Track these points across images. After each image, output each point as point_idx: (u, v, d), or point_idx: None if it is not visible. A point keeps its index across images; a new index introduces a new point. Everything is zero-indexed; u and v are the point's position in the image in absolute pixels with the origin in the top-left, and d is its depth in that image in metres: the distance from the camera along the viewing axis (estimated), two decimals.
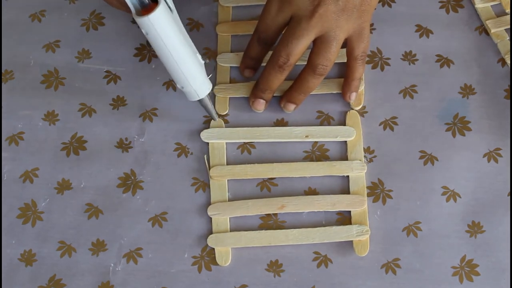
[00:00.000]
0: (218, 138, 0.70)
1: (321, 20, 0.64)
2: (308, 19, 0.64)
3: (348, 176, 0.68)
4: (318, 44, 0.66)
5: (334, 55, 0.66)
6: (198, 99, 0.66)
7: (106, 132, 0.71)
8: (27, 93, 0.73)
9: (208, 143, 0.70)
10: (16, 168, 0.70)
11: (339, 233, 0.66)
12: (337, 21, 0.64)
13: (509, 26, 0.73)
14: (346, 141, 0.69)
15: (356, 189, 0.68)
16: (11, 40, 0.76)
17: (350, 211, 0.67)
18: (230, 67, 0.73)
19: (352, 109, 0.70)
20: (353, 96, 0.70)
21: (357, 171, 0.68)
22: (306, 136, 0.69)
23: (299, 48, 0.65)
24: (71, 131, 0.72)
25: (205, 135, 0.70)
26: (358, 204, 0.67)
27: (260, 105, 0.70)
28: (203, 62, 0.65)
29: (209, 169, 0.69)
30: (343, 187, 0.68)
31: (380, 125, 0.70)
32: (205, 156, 0.69)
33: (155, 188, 0.69)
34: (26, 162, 0.70)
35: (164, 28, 0.60)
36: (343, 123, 0.70)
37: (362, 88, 0.71)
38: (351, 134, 0.69)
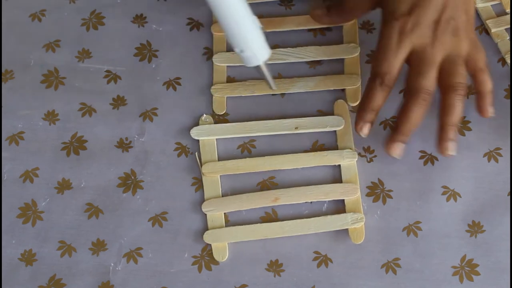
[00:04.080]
0: (208, 135, 0.70)
1: (442, 45, 0.65)
2: (432, 46, 0.65)
3: (339, 165, 0.68)
4: (446, 66, 0.65)
5: (464, 71, 0.66)
6: (257, 64, 0.64)
7: (106, 132, 0.71)
8: (27, 93, 0.73)
9: (204, 140, 0.70)
10: (16, 168, 0.70)
11: (334, 222, 0.66)
12: (453, 41, 0.66)
13: (509, 26, 0.73)
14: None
15: (348, 178, 0.68)
16: (11, 40, 0.76)
17: (343, 200, 0.67)
18: (227, 66, 0.73)
19: (349, 104, 0.71)
20: (492, 109, 0.67)
21: (348, 160, 0.68)
22: (296, 128, 0.70)
23: (434, 76, 0.65)
24: (71, 131, 0.72)
25: (194, 132, 0.70)
26: (351, 192, 0.67)
27: (401, 149, 0.66)
28: (260, 26, 0.64)
29: (201, 166, 0.69)
30: (335, 176, 0.68)
31: (380, 125, 0.70)
32: (195, 153, 0.69)
33: (155, 188, 0.69)
34: (26, 162, 0.71)
35: None
36: None
37: (358, 84, 0.71)
38: (340, 123, 0.69)
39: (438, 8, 0.65)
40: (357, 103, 0.70)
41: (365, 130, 0.66)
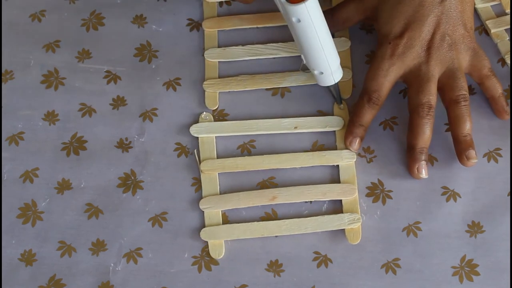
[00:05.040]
0: (207, 132, 0.70)
1: (438, 61, 0.66)
2: (427, 64, 0.66)
3: (338, 166, 0.68)
4: (446, 81, 0.67)
5: (465, 83, 0.67)
6: (333, 83, 0.68)
7: (106, 132, 0.71)
8: (27, 93, 0.73)
9: (203, 138, 0.70)
10: (16, 168, 0.70)
11: (331, 222, 0.66)
12: (451, 55, 0.67)
13: (509, 26, 0.73)
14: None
15: (347, 178, 0.68)
16: (11, 40, 0.76)
17: (341, 200, 0.67)
18: (218, 62, 0.73)
19: (342, 97, 0.71)
20: (508, 109, 0.69)
21: (347, 160, 0.68)
22: (295, 127, 0.70)
23: (434, 90, 0.66)
24: (71, 131, 0.72)
25: (194, 130, 0.70)
26: (348, 192, 0.67)
27: (426, 168, 0.66)
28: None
29: (200, 163, 0.69)
30: (334, 176, 0.68)
31: (380, 125, 0.70)
32: (195, 150, 0.70)
33: (155, 188, 0.69)
34: (26, 162, 0.70)
35: (317, 14, 0.62)
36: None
37: (350, 77, 0.72)
38: (339, 123, 0.70)
39: (431, 28, 0.67)
40: (349, 96, 0.71)
41: (354, 145, 0.68)
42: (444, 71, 0.67)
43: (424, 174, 0.67)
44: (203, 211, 0.67)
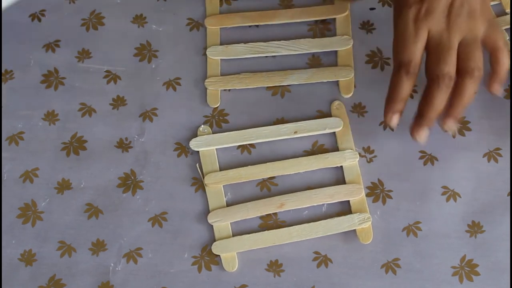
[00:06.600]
0: (207, 146, 0.70)
1: (458, 28, 0.65)
2: (448, 31, 0.65)
3: (341, 167, 0.68)
4: (463, 50, 0.65)
5: (481, 54, 0.65)
6: None
7: (106, 132, 0.71)
8: (27, 93, 0.73)
9: (204, 151, 0.70)
10: (16, 168, 0.70)
11: (341, 224, 0.66)
12: (469, 24, 0.65)
13: (509, 26, 0.73)
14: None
15: (352, 178, 0.68)
16: (11, 40, 0.76)
17: (349, 201, 0.67)
18: (220, 59, 0.73)
19: (343, 96, 0.71)
20: (500, 88, 0.66)
21: (350, 160, 0.68)
22: (295, 132, 0.69)
23: (454, 61, 0.64)
24: (71, 131, 0.72)
25: (194, 144, 0.70)
26: (355, 192, 0.67)
27: (426, 135, 0.65)
28: None
29: (203, 177, 0.69)
30: (338, 178, 0.68)
31: (380, 125, 0.70)
32: (197, 164, 0.69)
33: (155, 188, 0.69)
34: (26, 162, 0.70)
35: None
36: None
37: (351, 76, 0.72)
38: (338, 124, 0.70)
39: None
40: (351, 95, 0.71)
41: (395, 119, 0.65)
42: (462, 39, 0.65)
43: (423, 139, 0.65)
44: (203, 213, 0.67)
